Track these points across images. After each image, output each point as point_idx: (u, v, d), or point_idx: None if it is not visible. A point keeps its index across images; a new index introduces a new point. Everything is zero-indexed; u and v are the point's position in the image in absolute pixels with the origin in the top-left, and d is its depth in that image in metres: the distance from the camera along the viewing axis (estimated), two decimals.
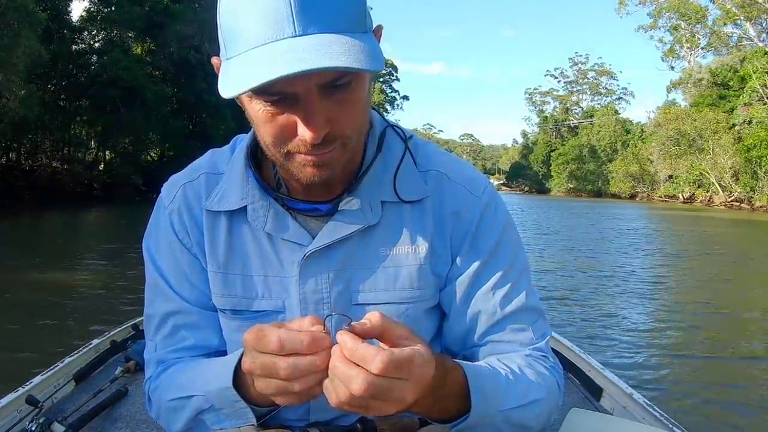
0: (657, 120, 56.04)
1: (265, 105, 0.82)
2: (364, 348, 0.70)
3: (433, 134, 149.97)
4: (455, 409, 0.88)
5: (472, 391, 0.87)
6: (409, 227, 1.02)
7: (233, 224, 1.03)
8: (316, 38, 0.76)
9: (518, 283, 1.05)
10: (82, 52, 31.23)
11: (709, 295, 10.20)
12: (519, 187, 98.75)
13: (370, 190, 1.01)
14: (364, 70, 0.76)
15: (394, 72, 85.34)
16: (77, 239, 16.52)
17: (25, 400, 2.13)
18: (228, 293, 1.03)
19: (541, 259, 14.03)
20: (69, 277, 9.54)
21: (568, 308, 8.68)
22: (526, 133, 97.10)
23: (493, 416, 0.91)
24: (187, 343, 1.06)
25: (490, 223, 1.05)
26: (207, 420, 0.96)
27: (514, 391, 0.94)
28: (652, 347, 6.77)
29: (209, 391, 0.93)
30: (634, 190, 62.77)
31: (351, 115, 0.86)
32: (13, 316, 6.98)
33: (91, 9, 31.45)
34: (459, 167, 1.09)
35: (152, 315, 1.08)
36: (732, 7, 52.73)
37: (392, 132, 1.07)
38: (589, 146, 73.05)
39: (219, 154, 1.11)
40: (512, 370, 0.97)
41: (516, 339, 1.04)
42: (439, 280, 1.05)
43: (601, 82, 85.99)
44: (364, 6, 0.84)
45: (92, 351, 2.77)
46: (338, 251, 1.00)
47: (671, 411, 3.60)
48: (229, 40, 0.82)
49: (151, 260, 1.08)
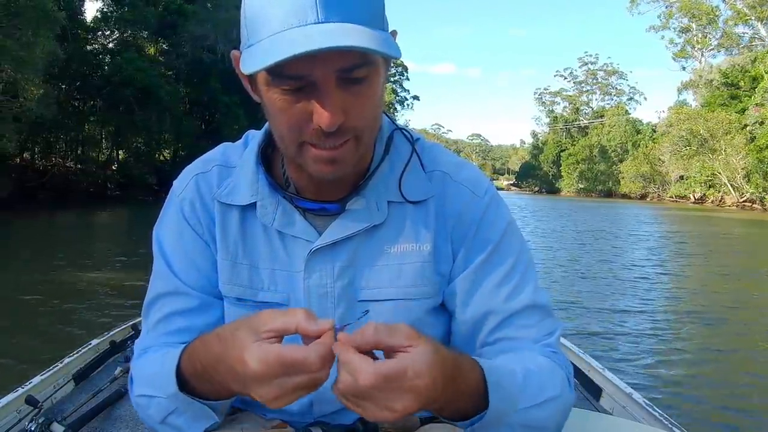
0: (669, 120, 55.79)
1: (282, 93, 0.85)
2: (357, 360, 0.73)
3: (442, 134, 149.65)
4: (471, 407, 0.86)
5: (490, 388, 0.85)
6: (413, 226, 1.04)
7: (245, 218, 1.05)
8: (337, 25, 0.79)
9: (524, 280, 1.05)
10: (96, 53, 31.44)
11: (714, 296, 10.21)
12: (529, 187, 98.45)
13: (377, 190, 1.03)
14: (383, 52, 0.80)
15: (405, 72, 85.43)
16: (89, 239, 16.58)
17: (25, 400, 2.13)
18: (235, 282, 1.05)
19: (552, 259, 14.07)
20: (80, 277, 9.62)
21: (572, 307, 8.71)
22: (535, 134, 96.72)
23: (510, 416, 0.89)
24: (179, 326, 1.04)
25: (491, 222, 1.06)
26: (181, 425, 0.95)
27: (529, 390, 0.92)
28: (653, 347, 6.79)
29: (168, 395, 0.92)
30: (645, 190, 62.61)
31: (365, 108, 0.88)
32: (15, 316, 7.03)
33: (105, 9, 31.69)
34: (462, 168, 1.11)
35: (151, 298, 1.08)
36: (743, 7, 52.52)
37: (400, 134, 1.10)
38: (599, 146, 72.96)
39: (232, 148, 1.13)
40: (526, 368, 0.96)
41: (526, 336, 1.03)
42: (443, 280, 1.06)
43: (611, 82, 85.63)
44: (383, 5, 0.88)
45: (92, 351, 2.77)
46: (344, 248, 1.02)
47: (671, 411, 3.73)
48: (252, 29, 0.85)
49: (159, 248, 1.08)
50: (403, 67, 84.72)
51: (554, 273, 11.93)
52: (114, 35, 32.38)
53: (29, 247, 14.01)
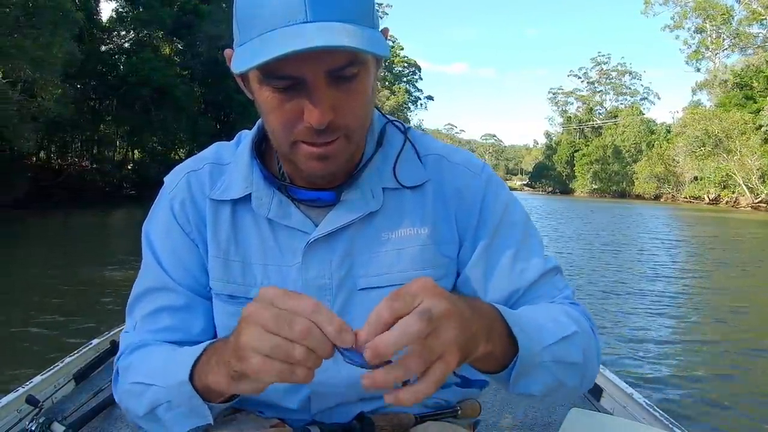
0: (684, 120, 55.42)
1: (273, 92, 0.86)
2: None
3: (455, 134, 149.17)
4: (501, 352, 0.84)
5: (512, 326, 0.83)
6: (410, 211, 1.04)
7: (236, 212, 1.05)
8: (326, 24, 0.80)
9: (532, 251, 1.06)
10: (112, 53, 31.64)
11: (719, 297, 10.21)
12: (542, 187, 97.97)
13: (371, 178, 1.03)
14: (371, 52, 0.81)
15: (418, 71, 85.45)
16: (104, 238, 16.69)
17: (25, 400, 2.12)
18: (227, 279, 1.04)
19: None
20: (96, 275, 9.75)
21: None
22: (549, 134, 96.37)
23: (540, 354, 0.88)
24: (166, 324, 1.04)
25: (494, 198, 1.07)
26: (163, 419, 0.94)
27: (552, 325, 0.93)
28: (653, 347, 6.81)
29: (168, 385, 0.90)
30: (659, 191, 62.19)
31: (356, 105, 0.89)
32: (18, 316, 7.08)
33: (120, 9, 31.89)
34: (456, 151, 1.13)
35: (138, 292, 1.07)
36: (758, 6, 52.09)
37: (392, 126, 1.11)
38: (613, 147, 72.49)
39: (224, 147, 1.14)
40: (545, 308, 0.99)
41: (544, 299, 1.05)
42: (450, 262, 1.06)
43: (625, 82, 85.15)
44: (372, 3, 0.89)
45: (92, 351, 2.77)
46: (341, 238, 1.02)
47: (671, 411, 3.74)
48: (243, 28, 0.85)
49: (148, 244, 1.08)
50: (417, 66, 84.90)
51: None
52: (129, 35, 32.59)
53: (43, 245, 14.11)
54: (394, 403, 0.67)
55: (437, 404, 1.14)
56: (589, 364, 0.98)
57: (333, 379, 0.99)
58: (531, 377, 0.89)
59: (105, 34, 31.61)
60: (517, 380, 0.87)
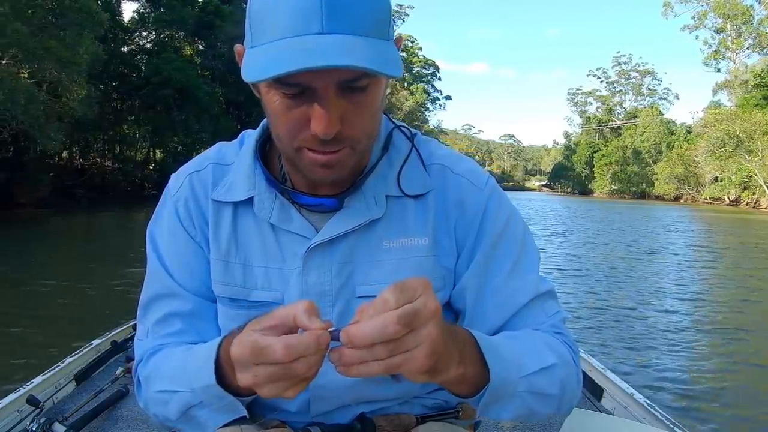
0: (705, 120, 54.92)
1: (282, 96, 0.84)
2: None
3: (473, 135, 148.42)
4: (474, 377, 0.84)
5: (485, 353, 0.84)
6: (412, 220, 1.03)
7: (238, 215, 1.04)
8: (341, 38, 0.78)
9: (529, 270, 1.05)
10: (134, 53, 32.05)
11: (723, 297, 10.21)
12: (561, 188, 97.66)
13: (375, 185, 1.01)
14: (383, 73, 0.79)
15: (437, 72, 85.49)
16: (127, 237, 16.63)
17: (26, 400, 2.14)
18: (228, 281, 1.03)
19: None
20: (116, 273, 9.87)
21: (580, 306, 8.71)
22: (568, 134, 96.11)
23: (516, 384, 0.88)
24: (178, 327, 1.03)
25: (495, 213, 1.05)
26: (201, 418, 0.94)
27: (530, 355, 0.92)
28: (654, 347, 6.82)
29: (195, 389, 0.90)
30: (679, 191, 61.70)
31: (364, 117, 0.87)
32: (23, 316, 7.14)
33: (142, 11, 32.30)
34: (461, 160, 1.10)
35: (147, 299, 1.06)
36: None
37: (398, 132, 1.09)
38: (632, 147, 72.05)
39: (228, 147, 1.12)
40: (525, 336, 0.97)
41: (531, 324, 1.03)
42: (448, 274, 1.05)
43: (644, 83, 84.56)
44: (389, 15, 0.87)
45: (93, 351, 2.78)
46: (342, 244, 1.00)
47: (671, 411, 3.79)
48: (257, 29, 0.83)
49: (153, 247, 1.07)
50: (435, 67, 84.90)
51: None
52: (151, 36, 32.98)
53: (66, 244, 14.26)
54: (336, 363, 0.70)
55: (438, 405, 1.14)
56: (566, 396, 0.98)
57: (332, 384, 0.98)
58: (502, 404, 0.89)
59: (127, 34, 32.04)
60: (488, 406, 0.88)
